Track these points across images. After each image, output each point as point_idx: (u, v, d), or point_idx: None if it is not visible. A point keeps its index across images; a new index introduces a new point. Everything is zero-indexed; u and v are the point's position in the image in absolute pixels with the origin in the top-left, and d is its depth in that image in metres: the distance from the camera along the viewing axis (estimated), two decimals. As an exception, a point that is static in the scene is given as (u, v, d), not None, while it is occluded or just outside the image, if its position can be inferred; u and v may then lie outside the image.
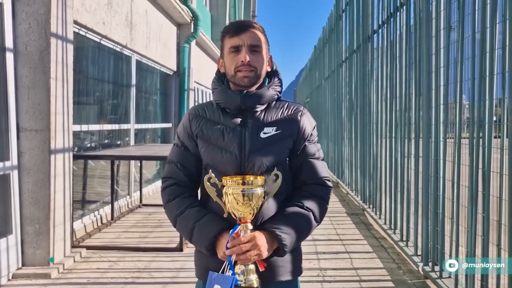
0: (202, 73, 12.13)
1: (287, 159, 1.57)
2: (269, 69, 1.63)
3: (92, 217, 5.42)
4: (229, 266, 1.42)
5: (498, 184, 2.85)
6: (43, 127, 3.80)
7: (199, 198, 1.63)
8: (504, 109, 2.85)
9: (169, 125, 9.33)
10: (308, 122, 1.61)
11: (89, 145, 5.83)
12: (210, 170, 1.49)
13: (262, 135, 1.54)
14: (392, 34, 5.12)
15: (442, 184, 3.63)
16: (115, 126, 6.46)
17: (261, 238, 1.43)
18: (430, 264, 3.76)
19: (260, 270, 1.46)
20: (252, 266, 1.44)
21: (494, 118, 3.06)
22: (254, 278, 1.44)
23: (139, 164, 6.95)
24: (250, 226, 1.45)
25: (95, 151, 5.56)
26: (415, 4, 4.28)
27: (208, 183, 1.48)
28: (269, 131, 1.55)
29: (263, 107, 1.59)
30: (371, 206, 6.16)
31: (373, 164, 6.06)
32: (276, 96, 1.62)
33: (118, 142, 6.67)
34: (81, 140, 5.61)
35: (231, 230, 1.44)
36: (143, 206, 6.75)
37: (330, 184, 1.62)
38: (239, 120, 1.56)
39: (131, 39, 6.44)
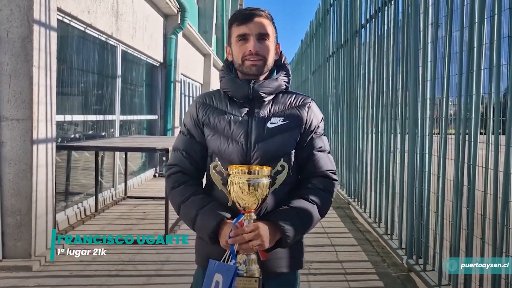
0: (189, 66, 12.02)
1: (293, 150, 1.56)
2: (277, 57, 1.62)
3: (76, 209, 5.34)
4: (231, 255, 1.41)
5: (483, 178, 2.88)
6: (25, 117, 3.71)
7: (203, 186, 1.62)
8: (491, 104, 2.88)
9: (155, 117, 9.23)
10: (315, 115, 1.60)
11: (73, 135, 5.73)
12: (217, 158, 1.49)
13: (269, 125, 1.53)
14: (379, 29, 5.13)
15: (427, 178, 3.66)
16: (99, 117, 6.36)
17: (264, 229, 1.42)
18: (414, 257, 3.80)
19: (262, 259, 1.45)
20: (254, 256, 1.43)
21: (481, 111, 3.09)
22: (255, 268, 1.43)
23: (124, 156, 6.86)
24: (253, 216, 1.45)
25: (79, 142, 5.47)
26: (404, -1, 4.29)
27: (214, 171, 1.48)
28: (276, 121, 1.54)
29: (271, 97, 1.58)
30: (356, 200, 6.20)
31: (359, 158, 6.09)
32: (284, 87, 1.61)
33: (103, 133, 6.58)
34: (65, 130, 5.51)
35: (234, 219, 1.43)
36: (128, 198, 6.68)
37: (335, 177, 1.61)
38: (246, 109, 1.55)
39: (116, 28, 6.34)
